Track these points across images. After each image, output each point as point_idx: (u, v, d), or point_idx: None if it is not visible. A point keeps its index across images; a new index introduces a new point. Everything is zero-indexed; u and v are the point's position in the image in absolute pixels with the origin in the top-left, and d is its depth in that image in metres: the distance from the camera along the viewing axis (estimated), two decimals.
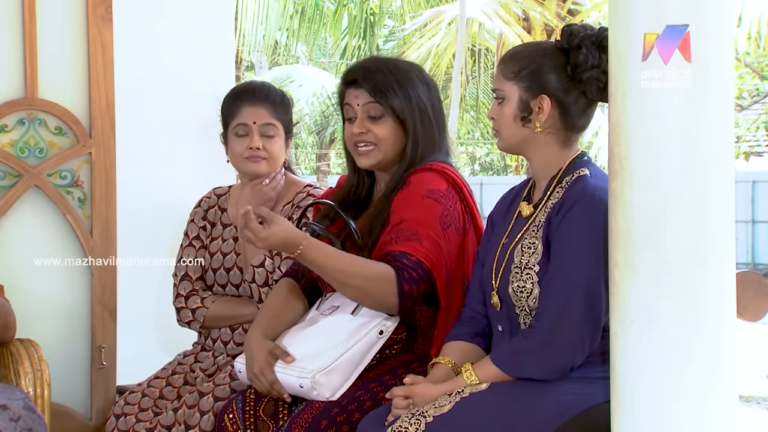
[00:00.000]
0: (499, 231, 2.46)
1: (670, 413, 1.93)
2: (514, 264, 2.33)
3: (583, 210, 2.24)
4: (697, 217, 1.92)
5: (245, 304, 3.02)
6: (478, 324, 2.46)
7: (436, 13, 13.28)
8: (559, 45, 2.35)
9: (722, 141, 1.95)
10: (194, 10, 3.94)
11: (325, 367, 2.49)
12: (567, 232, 2.26)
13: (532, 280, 2.29)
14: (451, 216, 2.56)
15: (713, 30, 1.93)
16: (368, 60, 2.85)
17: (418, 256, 2.49)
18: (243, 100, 3.04)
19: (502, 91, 2.37)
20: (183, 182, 3.78)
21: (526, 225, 2.38)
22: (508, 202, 2.52)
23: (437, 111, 2.72)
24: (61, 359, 3.34)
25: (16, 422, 2.66)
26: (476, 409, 2.20)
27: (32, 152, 3.39)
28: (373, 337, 2.54)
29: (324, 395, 2.48)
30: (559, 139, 2.37)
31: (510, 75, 2.35)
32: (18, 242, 3.39)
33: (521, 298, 2.31)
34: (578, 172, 2.34)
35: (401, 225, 2.54)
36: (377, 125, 2.67)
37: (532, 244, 2.32)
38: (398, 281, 2.47)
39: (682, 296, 1.92)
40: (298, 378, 2.51)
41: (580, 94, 2.33)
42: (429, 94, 2.70)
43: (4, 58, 3.38)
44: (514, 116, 2.35)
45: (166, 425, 2.86)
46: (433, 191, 2.56)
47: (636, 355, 1.94)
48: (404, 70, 2.70)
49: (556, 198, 2.33)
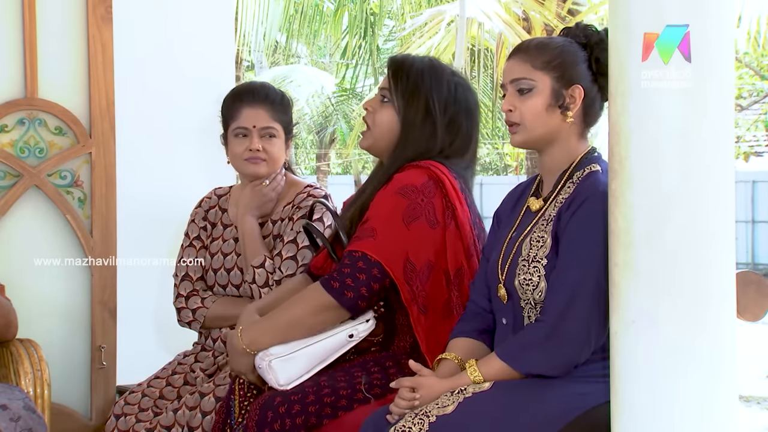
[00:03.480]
0: (507, 226, 2.47)
1: (670, 413, 1.92)
2: (522, 257, 2.34)
3: (593, 206, 2.25)
4: (697, 217, 1.92)
5: (245, 304, 3.02)
6: (484, 320, 2.46)
7: (436, 13, 13.26)
8: (578, 41, 2.39)
9: (722, 141, 1.94)
10: (194, 10, 3.94)
11: (283, 354, 2.53)
12: (576, 227, 2.26)
13: (539, 273, 2.30)
14: (420, 209, 2.55)
15: (713, 30, 1.93)
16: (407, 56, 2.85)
17: (365, 250, 2.52)
18: (243, 101, 3.04)
19: (531, 81, 2.35)
20: (183, 182, 3.78)
21: (535, 219, 2.38)
22: (516, 198, 2.53)
23: (452, 115, 2.68)
24: (61, 359, 3.35)
25: (16, 422, 2.66)
26: (479, 410, 2.20)
27: (32, 152, 3.39)
28: (342, 339, 2.57)
29: (278, 381, 2.52)
30: (578, 132, 2.40)
31: (540, 65, 2.35)
32: (18, 242, 3.39)
33: (527, 291, 2.31)
34: (590, 168, 2.36)
35: (366, 223, 2.58)
36: (380, 109, 2.71)
37: (540, 238, 2.33)
38: (335, 296, 2.52)
39: (682, 296, 1.92)
40: (259, 359, 2.56)
41: (599, 89, 2.38)
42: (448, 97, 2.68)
43: (4, 58, 3.38)
44: (546, 106, 2.35)
45: (165, 425, 2.86)
46: (406, 186, 2.57)
47: (636, 355, 1.94)
48: (432, 68, 2.70)
49: (567, 193, 2.34)
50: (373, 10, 14.72)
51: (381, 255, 2.52)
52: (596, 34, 2.39)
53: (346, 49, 15.18)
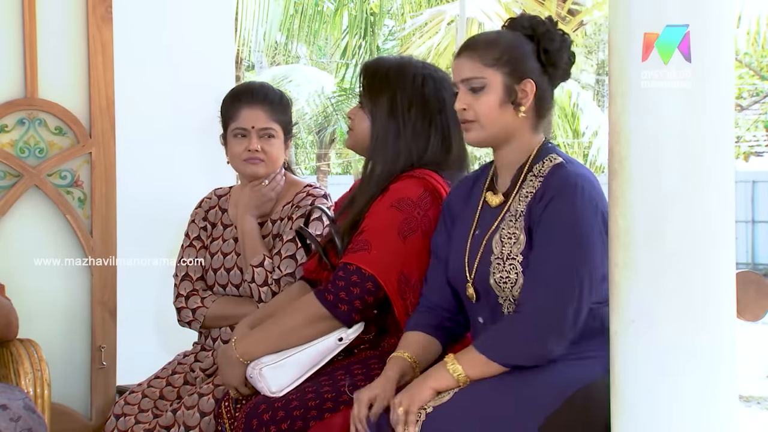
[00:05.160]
0: (464, 222, 2.45)
1: (670, 413, 1.92)
2: (494, 255, 2.33)
3: (567, 198, 2.27)
4: (697, 217, 1.92)
5: (245, 303, 3.02)
6: (436, 316, 2.46)
7: (436, 13, 13.26)
8: (525, 33, 2.39)
9: (722, 141, 1.94)
10: (194, 10, 3.94)
11: (273, 362, 2.54)
12: (550, 220, 2.27)
13: (516, 270, 2.30)
14: (416, 222, 2.56)
15: (713, 30, 1.93)
16: (376, 59, 2.87)
17: (359, 263, 2.53)
18: (241, 102, 3.04)
19: (482, 79, 2.35)
20: (183, 182, 3.78)
21: (499, 215, 2.38)
22: (466, 192, 2.51)
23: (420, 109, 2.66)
24: (61, 359, 3.34)
25: (16, 422, 2.66)
26: (475, 397, 2.20)
27: (32, 152, 3.39)
28: (332, 344, 2.58)
29: (269, 389, 2.52)
30: (531, 125, 2.39)
31: (490, 61, 2.35)
32: (18, 242, 3.39)
33: (505, 289, 2.31)
34: (551, 159, 2.37)
35: (361, 235, 2.58)
36: (358, 114, 2.75)
37: (512, 234, 2.33)
38: (329, 309, 2.54)
39: (682, 296, 1.92)
40: (250, 369, 2.56)
41: (549, 80, 2.39)
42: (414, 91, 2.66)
43: (4, 58, 3.38)
44: (500, 103, 2.35)
45: (165, 426, 2.86)
46: (402, 200, 2.57)
47: (636, 355, 1.94)
48: (400, 65, 2.70)
49: (532, 186, 2.34)
50: (373, 10, 14.72)
51: (375, 269, 2.53)
52: (542, 25, 2.39)
53: (346, 49, 15.18)
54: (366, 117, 2.71)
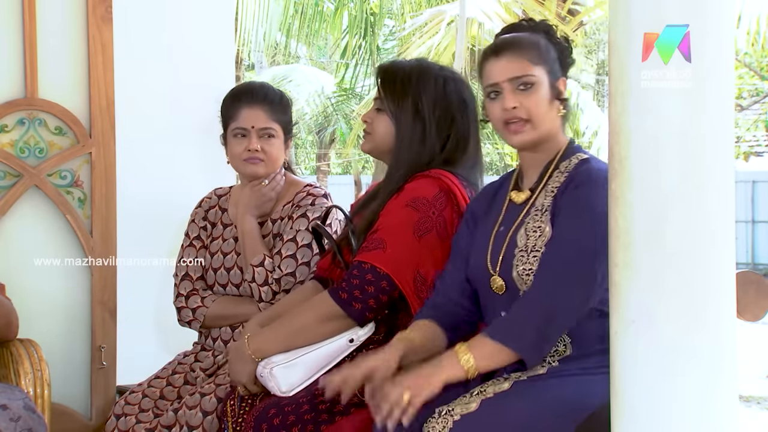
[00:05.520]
0: (488, 222, 2.46)
1: (670, 413, 1.92)
2: (518, 248, 2.34)
3: (587, 188, 2.29)
4: (697, 217, 1.92)
5: (245, 303, 3.02)
6: (449, 311, 2.44)
7: (436, 13, 13.26)
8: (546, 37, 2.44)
9: (722, 141, 1.94)
10: (194, 10, 3.94)
11: (284, 362, 2.55)
12: (569, 205, 2.30)
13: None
14: (432, 222, 2.57)
15: (713, 30, 1.93)
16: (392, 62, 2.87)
17: (374, 262, 2.53)
18: (241, 102, 3.05)
19: (532, 77, 2.36)
20: (183, 182, 3.78)
21: (524, 210, 2.39)
22: (491, 195, 2.52)
23: (443, 110, 2.68)
24: (61, 359, 3.35)
25: (16, 422, 2.66)
26: (502, 409, 2.19)
27: (32, 152, 3.39)
28: (343, 344, 2.59)
29: (279, 388, 2.54)
30: (562, 125, 2.44)
31: (537, 60, 2.37)
32: (18, 242, 3.39)
33: (527, 281, 2.32)
34: (578, 157, 2.40)
35: (375, 233, 2.58)
36: (377, 118, 2.73)
37: (537, 228, 2.34)
38: (343, 307, 2.55)
39: (682, 296, 1.92)
40: (261, 368, 2.57)
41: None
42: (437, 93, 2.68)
43: (4, 58, 3.38)
44: (549, 99, 2.38)
45: (166, 425, 2.86)
46: (417, 199, 2.58)
47: (636, 355, 1.94)
48: (419, 68, 2.72)
49: (558, 181, 2.36)
50: (373, 10, 14.71)
51: (390, 268, 2.53)
52: (555, 32, 2.46)
53: (346, 49, 15.17)
54: (385, 120, 2.71)
